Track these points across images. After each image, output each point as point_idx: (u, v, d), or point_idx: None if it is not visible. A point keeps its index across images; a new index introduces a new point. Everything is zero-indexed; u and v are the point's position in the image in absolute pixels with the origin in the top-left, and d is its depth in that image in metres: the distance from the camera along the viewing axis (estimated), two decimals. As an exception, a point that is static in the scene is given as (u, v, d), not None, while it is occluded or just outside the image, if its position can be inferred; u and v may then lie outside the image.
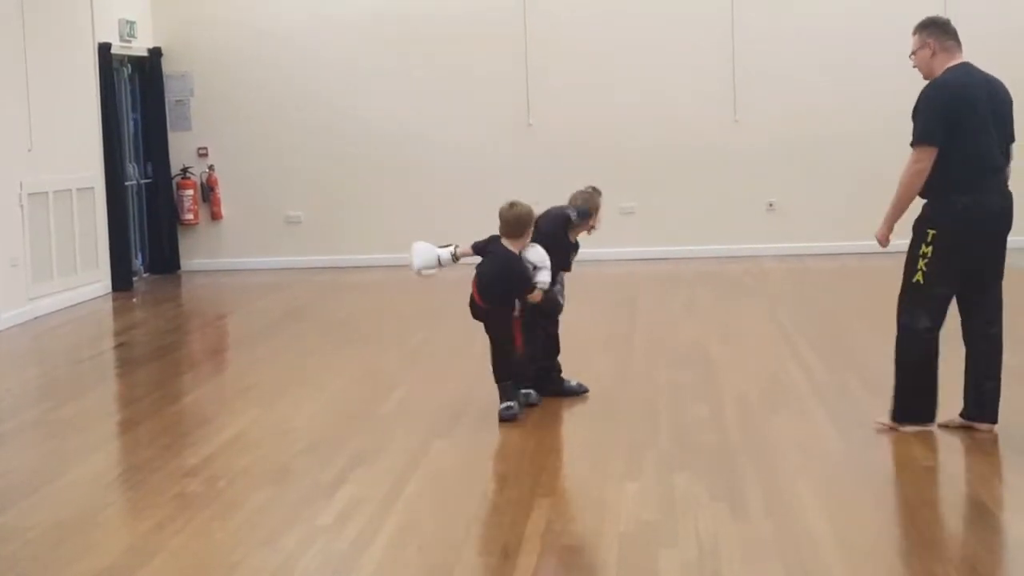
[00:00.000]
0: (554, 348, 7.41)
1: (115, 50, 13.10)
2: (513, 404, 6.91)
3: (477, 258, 7.09)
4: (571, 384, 7.43)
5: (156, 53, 14.09)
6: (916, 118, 6.23)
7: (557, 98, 13.85)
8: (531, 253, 6.95)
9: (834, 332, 9.34)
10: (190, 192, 14.21)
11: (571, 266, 7.42)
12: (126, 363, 9.48)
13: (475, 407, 7.14)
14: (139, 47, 13.77)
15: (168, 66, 14.19)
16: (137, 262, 13.70)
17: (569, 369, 7.48)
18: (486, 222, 7.19)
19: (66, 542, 5.23)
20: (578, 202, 7.33)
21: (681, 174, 13.80)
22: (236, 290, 13.20)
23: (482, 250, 7.05)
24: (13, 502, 5.80)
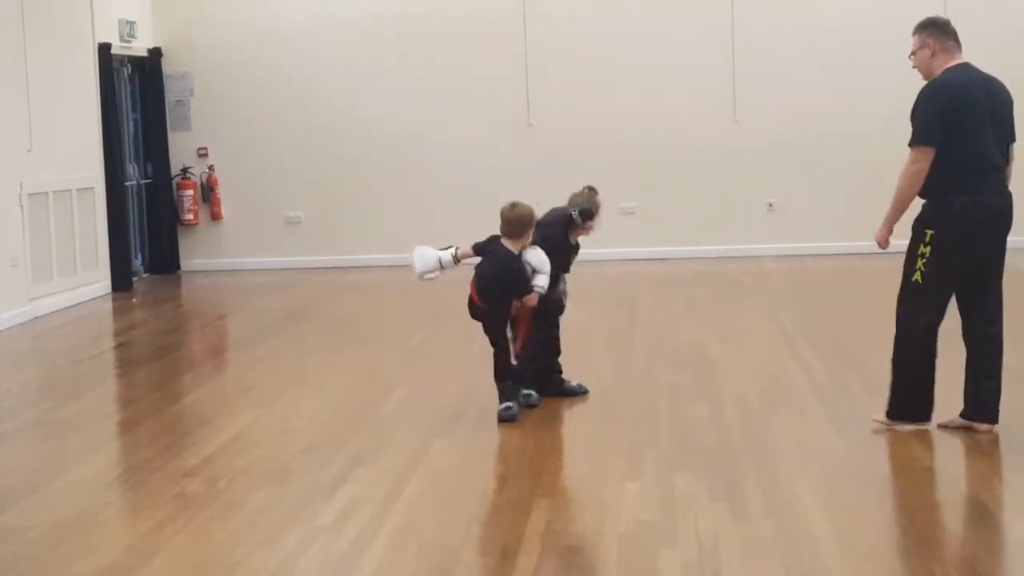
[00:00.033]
0: (555, 349, 7.41)
1: (115, 50, 13.10)
2: (512, 404, 6.91)
3: (478, 259, 7.09)
4: (571, 384, 7.43)
5: (156, 53, 14.09)
6: (915, 118, 6.23)
7: (557, 98, 13.85)
8: (532, 256, 6.93)
9: (834, 332, 9.34)
10: (190, 192, 14.21)
11: (570, 268, 7.41)
12: (126, 363, 9.48)
13: (475, 407, 7.14)
14: (139, 47, 13.77)
15: (168, 66, 14.20)
16: (137, 262, 13.70)
17: (569, 369, 7.48)
18: (486, 222, 7.19)
19: (66, 542, 5.23)
20: (578, 202, 7.32)
21: (681, 174, 13.80)
22: (236, 290, 13.19)
23: (482, 251, 7.05)
24: (13, 502, 5.80)
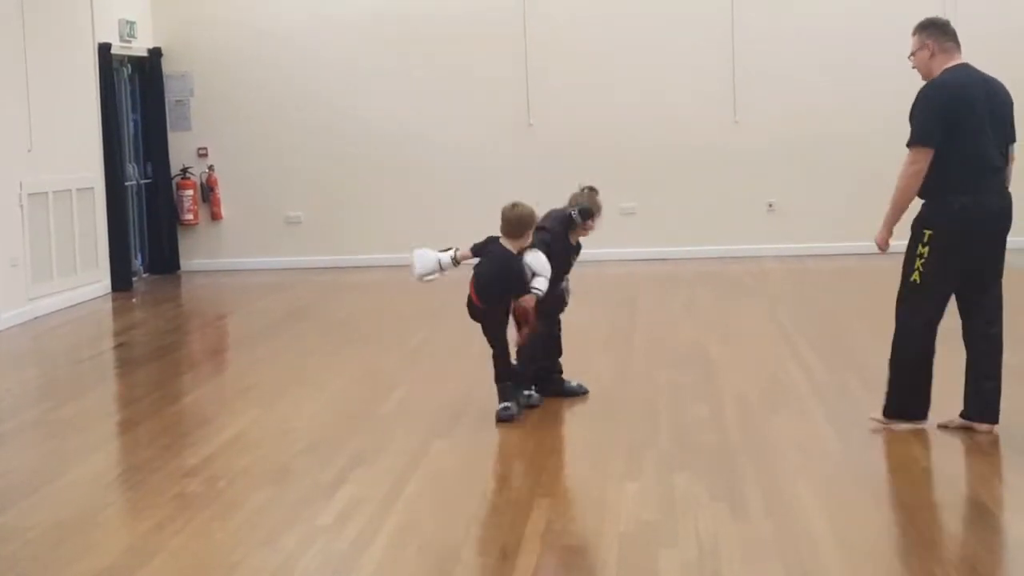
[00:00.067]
0: (555, 349, 7.41)
1: (115, 50, 13.10)
2: (511, 405, 6.91)
3: (477, 260, 7.08)
4: (571, 385, 7.43)
5: (156, 53, 14.09)
6: (913, 119, 6.23)
7: (557, 98, 13.85)
8: (532, 259, 6.89)
9: (834, 332, 9.34)
10: (190, 192, 14.21)
11: (570, 268, 7.41)
12: (126, 363, 9.48)
13: (475, 407, 7.14)
14: (139, 47, 13.77)
15: (168, 66, 14.20)
16: (137, 262, 13.70)
17: (569, 369, 7.48)
18: (486, 222, 7.19)
19: (66, 542, 5.23)
20: (579, 202, 7.31)
21: (681, 174, 13.80)
22: (236, 290, 13.19)
23: (480, 251, 7.04)
24: (13, 502, 5.80)
